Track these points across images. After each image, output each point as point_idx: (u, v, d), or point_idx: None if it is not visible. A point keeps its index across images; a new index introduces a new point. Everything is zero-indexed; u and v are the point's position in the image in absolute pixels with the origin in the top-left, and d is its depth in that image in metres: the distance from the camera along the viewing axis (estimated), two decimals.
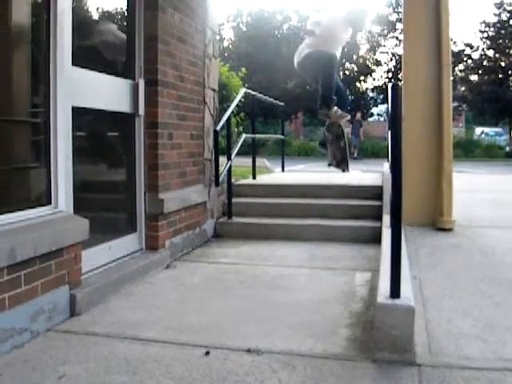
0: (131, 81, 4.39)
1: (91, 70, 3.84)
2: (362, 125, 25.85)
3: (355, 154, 24.51)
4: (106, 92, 4.05)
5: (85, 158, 4.02)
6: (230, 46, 34.86)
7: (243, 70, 12.33)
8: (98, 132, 4.33)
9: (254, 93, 7.71)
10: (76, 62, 3.58)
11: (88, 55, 4.03)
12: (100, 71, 3.97)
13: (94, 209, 4.09)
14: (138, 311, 3.42)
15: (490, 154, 26.80)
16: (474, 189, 8.30)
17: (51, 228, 3.13)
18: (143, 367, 2.59)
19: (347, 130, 25.99)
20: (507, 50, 31.07)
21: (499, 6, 31.09)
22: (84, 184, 3.93)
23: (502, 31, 30.94)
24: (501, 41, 30.98)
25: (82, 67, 3.71)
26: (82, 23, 3.94)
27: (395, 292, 2.73)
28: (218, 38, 6.23)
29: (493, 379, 2.45)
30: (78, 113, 3.63)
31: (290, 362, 2.65)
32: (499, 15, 31.10)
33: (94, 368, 2.58)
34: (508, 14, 30.97)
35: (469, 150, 26.65)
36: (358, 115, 25.47)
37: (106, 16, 4.54)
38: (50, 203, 3.37)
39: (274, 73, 28.40)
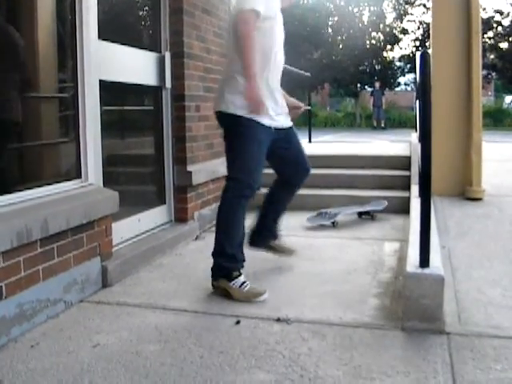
0: (157, 53, 4.39)
1: (117, 43, 3.85)
2: (384, 93, 25.56)
3: (382, 125, 24.33)
4: (133, 65, 4.06)
5: (113, 131, 4.06)
6: None
7: None
8: (125, 105, 4.35)
9: None
10: (102, 35, 3.59)
11: (114, 29, 4.04)
12: (126, 45, 3.97)
13: (123, 182, 4.14)
14: (169, 282, 3.47)
15: None
16: (503, 159, 8.19)
17: (82, 201, 3.18)
18: (174, 336, 2.64)
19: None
20: None
21: None
22: (113, 157, 3.97)
23: None
24: None
25: (109, 41, 3.72)
26: None
27: (424, 261, 2.72)
28: None
29: None
30: (106, 86, 3.65)
31: (320, 331, 2.67)
32: None
33: (127, 337, 2.64)
34: None
35: (498, 120, 26.25)
36: (377, 84, 25.16)
37: None
38: (80, 177, 3.41)
39: (300, 43, 28.08)
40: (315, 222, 5.00)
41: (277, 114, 3.30)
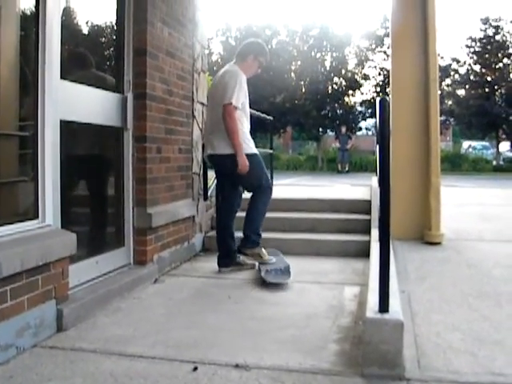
0: (120, 95, 4.39)
1: (80, 83, 3.84)
2: (351, 137, 26.02)
3: (346, 169, 24.63)
4: (95, 106, 4.04)
5: (73, 171, 4.00)
6: (219, 60, 34.94)
7: None
8: (86, 146, 4.31)
9: None
10: (65, 75, 3.57)
11: (77, 69, 4.03)
12: (89, 85, 3.96)
13: (82, 223, 4.08)
14: (126, 327, 3.39)
15: (477, 167, 27.02)
16: (461, 203, 8.34)
17: (38, 242, 3.11)
18: (130, 383, 2.56)
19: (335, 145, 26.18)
20: (493, 65, 31.37)
21: (485, 21, 31.43)
22: (72, 198, 3.91)
23: (488, 46, 31.25)
24: (487, 56, 31.29)
25: (71, 81, 3.70)
26: (71, 37, 3.95)
27: (384, 306, 2.72)
28: (206, 52, 6.25)
29: None
30: (67, 126, 3.62)
31: (279, 378, 2.63)
32: (485, 30, 31.43)
33: None
34: (493, 30, 31.30)
35: (456, 164, 26.83)
36: (344, 129, 25.61)
37: (95, 30, 4.54)
38: (37, 217, 3.34)
39: (263, 87, 28.42)
40: (275, 279, 4.42)
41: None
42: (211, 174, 5.86)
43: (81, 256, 3.73)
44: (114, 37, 4.60)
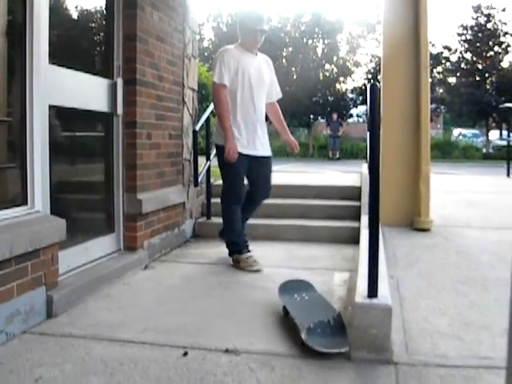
0: (109, 80, 4.36)
1: (69, 68, 3.81)
2: (342, 124, 26.03)
3: (337, 155, 24.65)
4: (84, 91, 4.02)
5: (62, 157, 3.99)
6: (210, 46, 34.79)
7: None
8: (75, 131, 4.29)
9: None
10: (53, 60, 3.54)
11: (65, 54, 4.01)
12: (78, 70, 3.94)
13: (72, 209, 4.06)
14: (116, 312, 3.40)
15: (467, 155, 27.10)
16: (451, 190, 8.37)
17: (27, 228, 3.10)
18: (120, 368, 2.57)
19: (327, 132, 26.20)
20: (484, 53, 31.40)
21: (477, 9, 31.41)
22: (61, 184, 3.89)
23: (480, 34, 31.26)
24: (478, 44, 31.30)
25: (60, 66, 3.68)
26: (59, 21, 3.92)
27: (373, 291, 2.74)
28: (197, 37, 6.22)
29: (468, 376, 2.48)
30: (55, 112, 3.60)
31: (268, 362, 2.65)
32: (477, 18, 31.42)
33: (71, 370, 2.56)
34: (485, 18, 31.30)
35: (446, 152, 26.88)
36: (335, 116, 25.60)
37: (84, 14, 4.51)
38: (26, 203, 3.33)
39: None
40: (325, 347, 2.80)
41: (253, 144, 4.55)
42: (201, 160, 5.85)
43: (70, 242, 3.72)
44: (104, 21, 4.57)
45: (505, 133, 27.73)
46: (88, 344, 2.88)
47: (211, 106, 6.25)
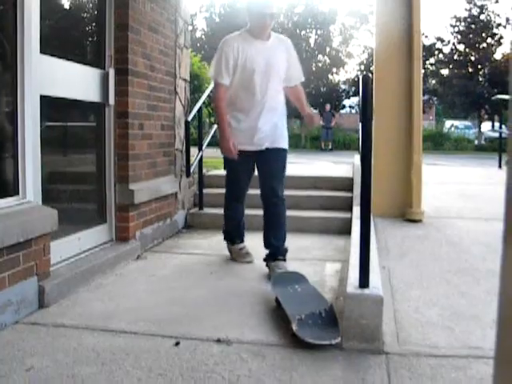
0: (101, 70, 4.34)
1: (60, 58, 3.80)
2: (334, 115, 26.04)
3: (330, 146, 24.67)
4: (76, 81, 4.00)
5: (54, 147, 3.98)
6: (203, 37, 34.68)
7: None
8: (66, 121, 4.28)
9: None
10: (44, 50, 3.52)
11: (57, 43, 3.99)
12: (69, 60, 3.92)
13: (63, 199, 4.06)
14: (108, 302, 3.40)
15: (459, 147, 27.20)
16: (442, 181, 8.40)
17: (19, 218, 3.09)
18: (112, 358, 2.58)
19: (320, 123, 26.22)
20: (477, 45, 31.45)
21: (470, 0, 31.44)
22: (53, 174, 3.89)
23: (473, 26, 31.31)
24: (471, 35, 31.36)
25: (51, 55, 3.66)
26: (50, 11, 3.89)
27: (364, 282, 2.76)
28: (190, 28, 6.19)
29: (458, 366, 2.50)
30: (47, 102, 3.58)
31: (260, 352, 2.66)
32: (470, 10, 31.46)
33: (63, 359, 2.56)
34: (478, 10, 31.33)
35: (439, 143, 26.98)
36: (328, 106, 25.59)
37: (76, 4, 4.48)
38: (17, 194, 3.32)
39: None
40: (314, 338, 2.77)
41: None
42: (194, 151, 5.85)
43: (63, 232, 3.71)
44: (96, 11, 4.55)
45: (497, 124, 27.89)
46: (80, 334, 2.88)
47: (203, 96, 6.25)
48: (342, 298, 3.24)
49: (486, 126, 32.65)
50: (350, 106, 35.41)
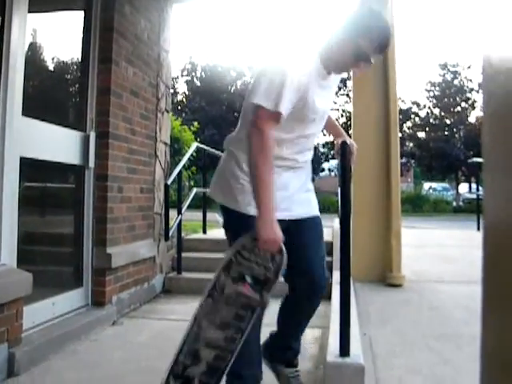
0: (82, 133, 4.35)
1: (42, 120, 3.79)
2: (314, 179, 26.24)
3: None
4: (56, 143, 3.99)
5: (32, 208, 3.93)
6: (184, 100, 35.17)
7: (195, 124, 12.41)
8: (46, 183, 4.25)
9: (205, 147, 7.72)
10: (26, 112, 3.52)
11: (39, 105, 3.99)
12: (51, 122, 3.92)
13: (39, 262, 3.98)
14: (82, 371, 3.29)
15: (437, 208, 27.50)
16: (422, 244, 8.42)
17: None
18: None
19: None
20: (452, 109, 32.28)
21: (443, 66, 32.46)
22: (30, 235, 3.82)
23: (447, 90, 32.19)
24: (446, 99, 32.20)
25: (33, 117, 3.66)
26: (34, 73, 3.92)
27: (345, 350, 2.70)
28: (171, 91, 6.27)
29: None
30: (27, 163, 3.56)
31: None
32: (444, 75, 32.42)
33: None
34: (452, 75, 32.29)
35: (417, 205, 27.25)
36: None
37: (60, 67, 4.52)
38: None
39: (227, 127, 28.63)
40: None
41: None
42: (173, 214, 5.82)
43: (36, 297, 3.62)
44: (79, 74, 4.58)
45: (474, 186, 28.28)
46: None
47: (184, 160, 6.26)
48: (323, 367, 3.17)
49: (463, 188, 33.13)
50: (329, 169, 35.79)
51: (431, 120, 32.96)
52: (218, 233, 7.93)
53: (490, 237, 0.88)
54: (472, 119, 32.84)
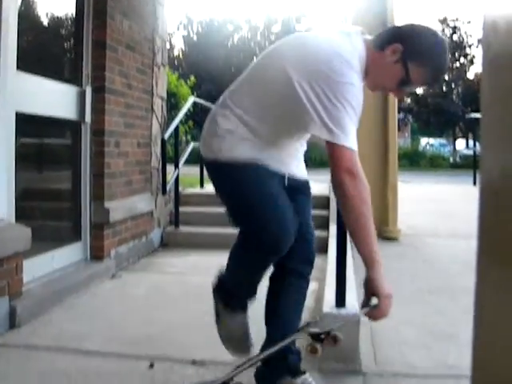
0: (78, 87, 4.31)
1: (37, 75, 3.76)
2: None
3: None
4: (52, 98, 3.96)
5: (29, 164, 3.92)
6: (180, 55, 34.75)
7: (192, 78, 12.29)
8: (42, 138, 4.23)
9: (202, 102, 7.67)
10: (21, 66, 3.49)
11: (34, 60, 3.95)
12: (46, 77, 3.88)
13: (37, 217, 4.00)
14: (81, 323, 3.34)
15: (434, 164, 27.50)
16: (418, 199, 8.46)
17: None
18: (84, 381, 2.52)
19: None
20: (451, 64, 31.97)
21: (443, 21, 32.03)
22: (27, 191, 3.83)
23: None
24: None
25: (28, 72, 3.62)
26: (28, 28, 3.86)
27: (340, 301, 2.74)
28: (167, 46, 6.19)
29: None
30: (22, 118, 3.54)
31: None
32: (443, 30, 32.02)
33: (33, 382, 2.50)
34: (451, 30, 31.92)
35: (414, 161, 27.23)
36: None
37: (54, 21, 4.45)
38: None
39: (224, 82, 28.38)
40: None
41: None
42: (170, 169, 5.82)
43: (36, 251, 3.65)
44: (73, 29, 4.51)
45: (471, 142, 28.26)
46: (52, 356, 2.81)
47: (180, 114, 6.23)
48: (318, 318, 3.22)
49: (460, 144, 33.09)
50: None
51: None
52: None
53: (485, 192, 0.89)
54: (471, 75, 32.65)
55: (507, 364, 0.79)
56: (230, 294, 2.52)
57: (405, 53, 2.04)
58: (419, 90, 33.03)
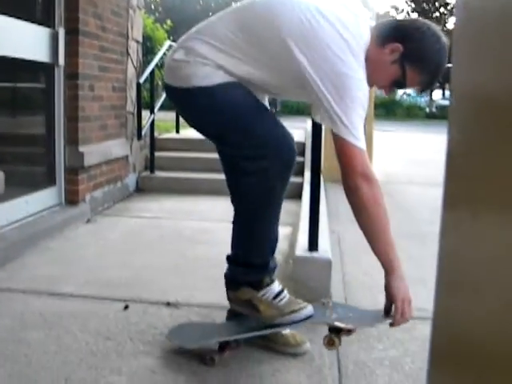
0: (51, 29, 4.20)
1: (7, 15, 3.65)
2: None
3: (277, 109, 24.64)
4: (23, 40, 3.86)
5: (1, 109, 3.86)
6: None
7: (168, 22, 12.07)
8: (14, 82, 4.15)
9: None
10: None
11: (4, 0, 3.83)
12: (17, 18, 3.77)
13: (11, 162, 3.95)
14: (56, 266, 3.35)
15: (410, 114, 27.57)
16: (394, 147, 8.52)
17: None
18: (60, 322, 2.55)
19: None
20: (430, 14, 31.75)
21: None
22: (0, 136, 3.78)
23: None
24: (424, 4, 31.59)
25: None
26: None
27: (313, 245, 2.79)
28: None
29: (403, 327, 2.55)
30: None
31: (210, 314, 2.68)
32: None
33: (9, 324, 2.52)
34: None
35: (391, 110, 27.26)
36: None
37: None
38: None
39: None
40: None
41: None
42: (146, 114, 5.76)
43: (10, 195, 3.63)
44: None
45: (448, 93, 28.28)
46: (27, 298, 2.83)
47: (156, 58, 6.14)
48: (292, 261, 3.28)
49: (437, 94, 33.10)
50: None
51: None
52: (190, 132, 7.91)
53: (453, 134, 0.90)
54: (450, 25, 32.40)
55: (467, 309, 0.82)
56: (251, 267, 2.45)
57: (404, 55, 1.99)
58: None
